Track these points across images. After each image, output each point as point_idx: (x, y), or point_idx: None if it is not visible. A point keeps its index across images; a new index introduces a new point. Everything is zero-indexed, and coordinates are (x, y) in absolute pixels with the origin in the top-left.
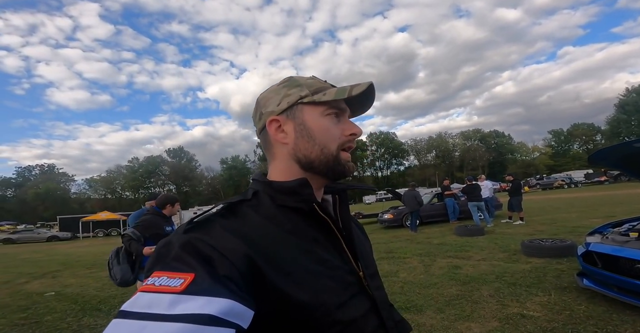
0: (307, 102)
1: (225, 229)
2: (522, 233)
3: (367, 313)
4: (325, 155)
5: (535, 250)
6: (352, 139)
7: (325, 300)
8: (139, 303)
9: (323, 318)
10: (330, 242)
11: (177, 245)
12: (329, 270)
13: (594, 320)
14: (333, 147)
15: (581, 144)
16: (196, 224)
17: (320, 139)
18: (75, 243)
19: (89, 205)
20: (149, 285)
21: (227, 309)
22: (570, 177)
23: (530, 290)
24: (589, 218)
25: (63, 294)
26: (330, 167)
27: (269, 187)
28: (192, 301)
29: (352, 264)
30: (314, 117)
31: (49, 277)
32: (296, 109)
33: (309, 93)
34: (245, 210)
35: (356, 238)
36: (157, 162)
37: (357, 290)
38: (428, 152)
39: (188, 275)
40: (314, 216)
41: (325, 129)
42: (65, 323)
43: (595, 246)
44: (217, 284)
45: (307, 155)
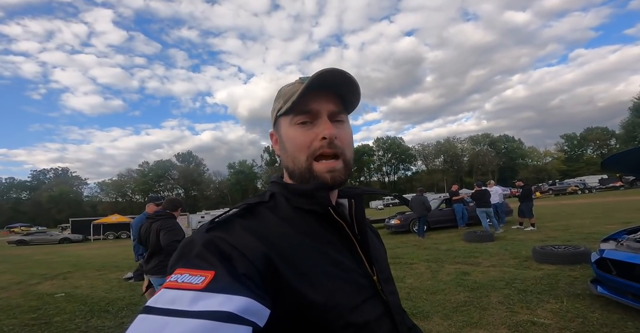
0: (281, 114)
1: (245, 229)
2: (534, 239)
3: (380, 317)
4: (297, 166)
5: (547, 257)
6: (324, 144)
7: (339, 302)
8: (163, 300)
9: (336, 320)
10: (344, 245)
11: (199, 243)
12: (343, 273)
13: (608, 328)
14: (302, 157)
15: (595, 149)
16: (217, 224)
17: (291, 151)
18: (87, 246)
19: (101, 208)
20: (172, 282)
21: (245, 307)
22: (584, 183)
23: (541, 297)
24: (603, 224)
25: (73, 295)
26: (305, 178)
27: (285, 189)
28: (212, 298)
29: (366, 268)
30: (286, 127)
31: (60, 278)
32: (278, 122)
33: (283, 103)
34: (263, 211)
35: (371, 243)
36: (167, 166)
37: (371, 294)
38: (436, 157)
39: (209, 273)
40: (329, 219)
41: (292, 139)
42: (74, 324)
43: (610, 253)
44: (236, 282)
45: (287, 166)
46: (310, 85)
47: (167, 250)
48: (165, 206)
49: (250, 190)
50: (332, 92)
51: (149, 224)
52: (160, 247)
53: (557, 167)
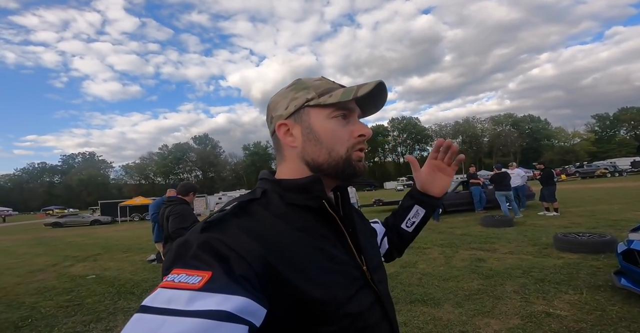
0: (313, 105)
1: (241, 229)
2: (556, 225)
3: (372, 305)
4: (333, 158)
5: (569, 245)
6: (361, 141)
7: (336, 295)
8: (159, 299)
9: (335, 312)
10: (337, 238)
11: (195, 244)
12: (337, 266)
13: (627, 321)
14: (341, 150)
15: (629, 130)
16: (211, 224)
17: (328, 143)
18: (115, 227)
19: (126, 190)
20: (168, 282)
21: (242, 307)
22: (615, 165)
23: (559, 287)
24: (633, 210)
25: (102, 277)
26: (340, 169)
27: (277, 185)
28: (209, 298)
29: (356, 259)
30: (321, 120)
31: (91, 260)
32: (303, 112)
33: (316, 95)
34: (256, 209)
35: (360, 233)
36: (185, 149)
37: (362, 284)
38: (454, 137)
39: (206, 273)
40: (322, 213)
41: (332, 131)
42: (103, 305)
43: (639, 244)
44: (234, 283)
45: (315, 159)
46: (372, 92)
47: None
48: (178, 191)
49: None
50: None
51: (164, 209)
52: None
53: (585, 148)
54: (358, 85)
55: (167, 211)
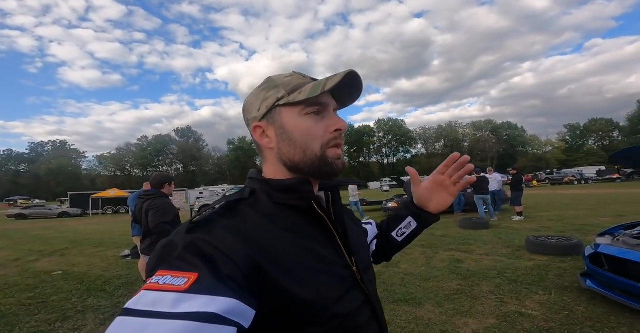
0: (283, 104)
1: (227, 229)
2: (528, 229)
3: (361, 305)
4: (308, 157)
5: (540, 247)
6: (337, 135)
7: (324, 296)
8: (143, 302)
9: (323, 313)
10: (326, 238)
11: (180, 245)
12: (326, 266)
13: (592, 321)
14: (316, 147)
15: (597, 140)
16: (197, 224)
17: (301, 141)
18: (85, 220)
19: (100, 181)
20: (153, 284)
21: (230, 308)
22: (582, 173)
23: (530, 288)
24: (597, 216)
25: (70, 273)
26: (317, 167)
27: (266, 185)
28: (195, 300)
29: (346, 259)
30: (292, 118)
31: (58, 255)
32: (275, 112)
33: (285, 94)
34: (244, 209)
35: (350, 234)
36: (166, 141)
37: (352, 284)
38: (436, 141)
39: (192, 275)
40: (311, 213)
41: (304, 129)
42: (71, 303)
43: (605, 248)
44: (220, 284)
45: (291, 159)
46: (341, 83)
47: (156, 231)
48: (151, 183)
49: (250, 167)
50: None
51: (141, 203)
52: (149, 227)
53: (556, 156)
54: (327, 77)
55: (146, 205)
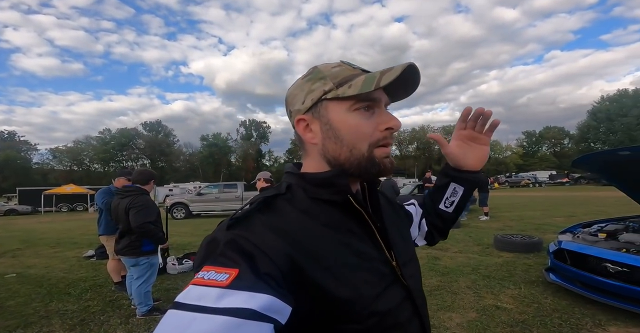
0: (331, 98)
1: (265, 226)
2: (494, 227)
3: (402, 302)
4: (355, 156)
5: (507, 245)
6: (387, 135)
7: (363, 293)
8: (191, 296)
9: (361, 311)
10: (364, 233)
11: (222, 242)
12: (365, 262)
13: (559, 313)
14: (363, 147)
15: (550, 146)
16: (237, 221)
17: (349, 139)
18: (37, 219)
19: (53, 176)
20: (199, 279)
21: (268, 305)
22: (536, 177)
23: (502, 283)
24: (552, 216)
25: (26, 276)
26: (364, 168)
27: (302, 179)
28: (236, 295)
29: (385, 254)
30: (340, 114)
31: (9, 257)
32: (320, 106)
33: (333, 86)
34: (280, 204)
35: (389, 227)
36: (132, 135)
37: (392, 280)
38: (410, 143)
39: (233, 271)
40: (348, 208)
41: (353, 127)
42: (31, 308)
43: (567, 244)
44: (259, 280)
45: (336, 157)
46: (398, 79)
47: (138, 231)
48: (135, 179)
49: (224, 164)
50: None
51: (118, 200)
52: (130, 226)
53: (514, 161)
54: (382, 71)
55: (127, 203)
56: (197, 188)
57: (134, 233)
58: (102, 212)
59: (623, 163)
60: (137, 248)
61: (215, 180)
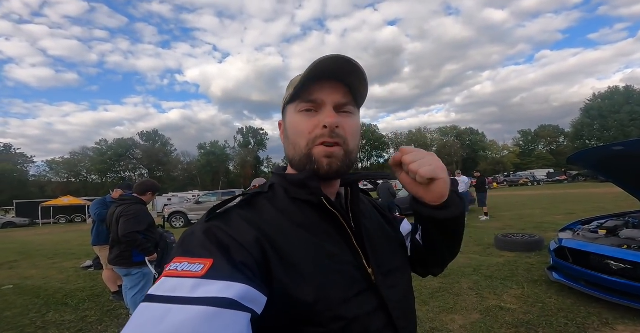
0: (288, 102)
1: (242, 218)
2: (494, 227)
3: (373, 311)
4: (297, 153)
5: (508, 245)
6: (325, 133)
7: (328, 295)
8: (164, 288)
9: (325, 313)
10: (341, 236)
11: (199, 233)
12: (336, 265)
13: (564, 312)
14: (302, 143)
15: (546, 145)
16: (217, 214)
17: (292, 138)
18: (34, 231)
19: (50, 188)
20: (171, 270)
21: (244, 294)
22: (534, 176)
23: (505, 283)
24: (551, 214)
25: (23, 287)
26: (303, 165)
27: (284, 180)
28: (212, 285)
29: (361, 260)
30: (290, 116)
31: (6, 268)
32: (285, 111)
33: (292, 92)
34: (261, 202)
35: (373, 233)
36: (128, 145)
37: (364, 287)
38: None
39: (207, 261)
40: (324, 209)
41: (295, 125)
42: (28, 319)
43: (568, 242)
44: (235, 270)
45: (287, 154)
46: (311, 74)
47: (125, 240)
48: (135, 190)
49: (222, 172)
50: (340, 82)
51: (114, 209)
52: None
53: (512, 160)
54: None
55: (119, 211)
56: (196, 197)
57: (122, 242)
58: (95, 222)
59: (617, 158)
60: (128, 259)
61: (214, 189)
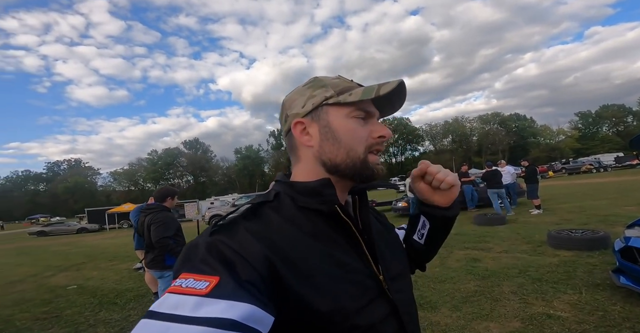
0: (332, 103)
1: (249, 232)
2: (548, 222)
3: (386, 317)
4: (351, 158)
5: (564, 242)
6: (380, 142)
7: (344, 305)
8: (166, 304)
9: (342, 323)
10: (350, 244)
11: (203, 248)
12: (348, 274)
13: (631, 322)
14: (360, 149)
15: (611, 126)
16: (221, 227)
17: (346, 142)
18: (102, 235)
19: (115, 197)
20: (176, 287)
21: (248, 314)
22: (599, 161)
23: (557, 287)
24: (620, 206)
25: (84, 287)
26: (358, 170)
27: (290, 188)
28: (215, 304)
29: (372, 267)
30: (340, 118)
31: (74, 270)
32: (321, 110)
33: (334, 94)
34: (266, 212)
35: (378, 240)
36: (175, 154)
37: (377, 294)
38: (444, 136)
39: (213, 279)
40: (334, 218)
41: (351, 130)
42: (83, 317)
43: (636, 241)
44: (240, 289)
45: (333, 158)
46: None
47: (157, 246)
48: (154, 198)
49: (258, 175)
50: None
51: (143, 217)
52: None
53: (570, 145)
54: (379, 84)
55: (148, 219)
56: (235, 199)
57: (155, 247)
58: (135, 228)
59: None
60: (161, 262)
61: (251, 191)
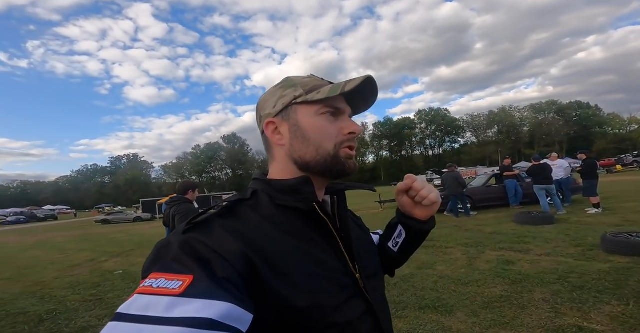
0: (300, 102)
1: (225, 229)
2: (606, 223)
3: (362, 315)
4: (321, 155)
5: (621, 247)
6: (351, 138)
7: (322, 302)
8: (136, 306)
9: (320, 321)
10: (328, 243)
11: (175, 246)
12: (326, 272)
13: None
14: (329, 146)
15: None
16: (195, 224)
17: (315, 139)
18: (153, 224)
19: (166, 188)
20: (146, 287)
21: (226, 313)
22: None
23: (600, 296)
24: None
25: (128, 273)
26: (328, 166)
27: (268, 186)
28: (190, 304)
29: (349, 266)
30: (308, 116)
31: (123, 256)
32: (290, 109)
33: (303, 92)
34: (243, 210)
35: (354, 239)
36: (215, 148)
37: (353, 292)
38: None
39: (187, 277)
40: (312, 216)
41: (319, 128)
42: (121, 301)
43: None
44: (216, 287)
45: (303, 156)
46: (360, 87)
47: None
48: (176, 191)
49: None
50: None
51: (169, 209)
52: None
53: None
54: (346, 80)
55: (173, 210)
56: None
57: None
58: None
59: None
60: None
61: None
